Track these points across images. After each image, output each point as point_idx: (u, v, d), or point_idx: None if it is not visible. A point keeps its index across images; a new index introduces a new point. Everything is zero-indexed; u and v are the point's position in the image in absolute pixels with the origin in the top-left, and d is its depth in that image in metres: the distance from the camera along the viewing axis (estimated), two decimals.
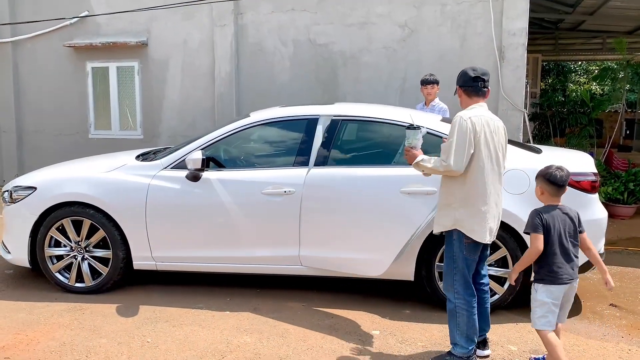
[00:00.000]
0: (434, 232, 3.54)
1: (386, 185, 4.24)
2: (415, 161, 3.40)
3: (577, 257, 3.28)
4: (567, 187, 3.32)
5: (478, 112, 3.33)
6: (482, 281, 3.57)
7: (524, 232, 3.39)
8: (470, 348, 3.41)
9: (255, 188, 4.44)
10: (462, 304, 3.38)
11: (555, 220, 3.22)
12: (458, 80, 3.49)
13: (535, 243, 3.19)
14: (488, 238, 3.32)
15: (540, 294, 3.26)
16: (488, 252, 3.63)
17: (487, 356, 3.61)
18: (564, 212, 3.27)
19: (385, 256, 4.17)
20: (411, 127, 3.49)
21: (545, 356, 3.44)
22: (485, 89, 3.44)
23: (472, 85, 3.40)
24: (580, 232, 3.30)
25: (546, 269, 3.23)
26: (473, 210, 3.28)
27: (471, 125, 3.23)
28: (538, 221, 3.21)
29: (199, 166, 4.38)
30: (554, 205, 3.29)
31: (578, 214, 3.32)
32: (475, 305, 3.41)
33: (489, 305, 3.61)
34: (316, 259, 4.36)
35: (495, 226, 3.39)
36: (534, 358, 3.57)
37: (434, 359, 3.54)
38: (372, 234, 4.22)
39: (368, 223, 4.21)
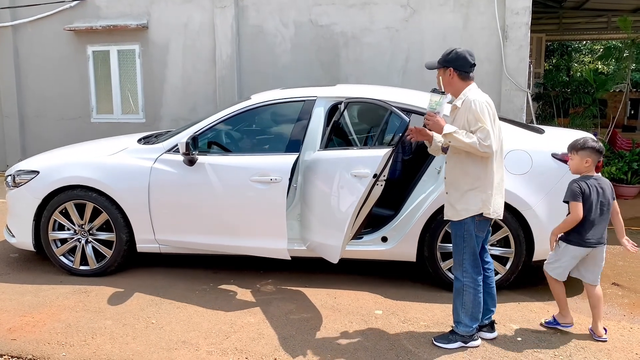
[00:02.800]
0: (455, 219, 3.39)
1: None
2: (446, 131, 3.20)
3: (607, 223, 3.57)
4: None
5: (484, 96, 3.34)
6: (486, 259, 3.59)
7: (563, 201, 3.56)
8: (473, 327, 3.44)
9: (245, 174, 4.38)
10: (469, 282, 3.40)
11: (592, 190, 3.48)
12: (453, 62, 3.37)
13: (576, 210, 3.44)
14: (498, 215, 3.38)
15: (564, 250, 3.58)
16: (491, 228, 3.64)
17: (494, 338, 3.61)
18: (599, 181, 3.53)
19: None
20: (436, 91, 3.38)
21: (555, 316, 3.76)
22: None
23: (468, 71, 3.41)
24: (613, 198, 3.57)
25: (576, 233, 3.51)
26: (495, 189, 3.31)
27: (490, 108, 3.28)
28: (578, 190, 3.46)
29: (184, 150, 4.31)
30: (590, 175, 3.54)
31: (611, 184, 3.59)
32: (481, 284, 3.44)
33: (494, 285, 3.62)
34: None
35: (503, 203, 3.46)
36: (546, 321, 3.79)
37: (436, 337, 3.57)
38: None
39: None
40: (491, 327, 3.63)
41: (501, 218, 3.51)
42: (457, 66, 3.37)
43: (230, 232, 4.45)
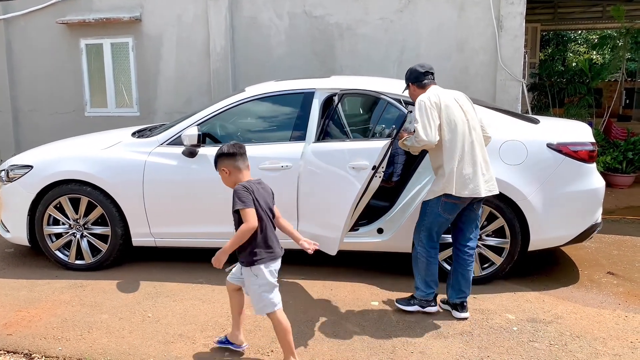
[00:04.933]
0: (425, 200, 3.79)
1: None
2: (401, 141, 3.75)
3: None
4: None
5: (434, 91, 3.68)
6: (468, 244, 3.77)
7: (233, 212, 3.08)
8: (428, 292, 3.80)
9: (252, 163, 4.41)
10: (422, 252, 3.77)
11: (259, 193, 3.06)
12: (410, 79, 3.84)
13: (248, 218, 2.96)
14: (466, 193, 3.55)
15: (266, 273, 3.08)
16: (479, 214, 3.80)
17: (465, 318, 3.78)
18: (263, 186, 3.14)
19: None
20: (412, 112, 3.69)
21: (227, 336, 3.37)
22: (433, 79, 3.82)
23: (422, 80, 3.77)
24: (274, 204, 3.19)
25: (263, 247, 3.05)
26: (454, 172, 3.55)
27: (429, 102, 3.57)
28: (245, 193, 3.00)
29: (195, 142, 4.36)
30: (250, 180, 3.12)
31: (271, 190, 3.19)
32: (436, 257, 3.77)
33: (471, 269, 3.80)
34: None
35: (479, 184, 3.57)
36: (219, 340, 3.42)
37: (398, 300, 3.91)
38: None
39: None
40: (461, 306, 3.80)
41: (476, 197, 3.59)
42: (413, 80, 3.82)
43: None
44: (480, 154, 3.63)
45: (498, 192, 3.74)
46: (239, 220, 3.04)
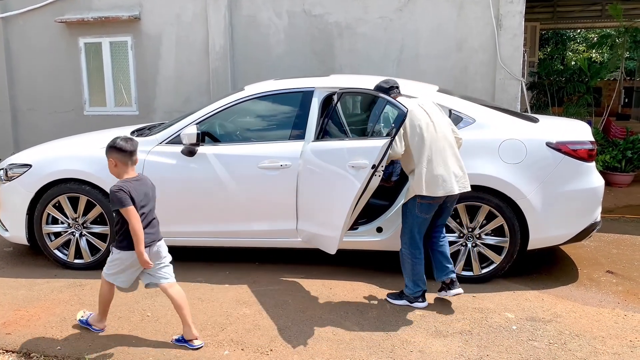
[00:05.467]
0: (403, 202, 3.96)
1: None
2: None
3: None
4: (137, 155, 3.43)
5: (407, 103, 3.79)
6: (437, 229, 3.99)
7: (113, 210, 3.36)
8: (415, 291, 3.93)
9: (252, 162, 4.42)
10: (407, 254, 3.92)
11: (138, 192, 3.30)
12: (381, 91, 3.97)
13: (130, 215, 3.22)
14: (441, 193, 3.69)
15: (120, 257, 3.38)
16: (452, 207, 3.98)
17: (459, 293, 3.92)
18: (142, 182, 3.40)
19: None
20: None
21: (182, 336, 3.45)
22: (399, 92, 3.99)
23: (388, 93, 3.90)
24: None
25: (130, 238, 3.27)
26: (423, 174, 3.71)
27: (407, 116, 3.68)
28: (123, 195, 3.22)
29: (194, 141, 4.37)
30: (131, 177, 3.37)
31: (153, 184, 3.49)
32: (420, 257, 3.89)
33: (445, 244, 4.00)
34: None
35: (452, 183, 3.71)
36: (175, 339, 3.48)
37: (389, 294, 4.07)
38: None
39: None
40: (452, 283, 3.93)
41: (444, 195, 3.70)
42: (385, 93, 3.95)
43: (237, 217, 4.49)
44: (450, 154, 3.78)
45: (470, 189, 3.87)
46: (120, 219, 3.31)
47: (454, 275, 3.94)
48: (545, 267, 4.76)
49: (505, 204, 4.21)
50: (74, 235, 4.72)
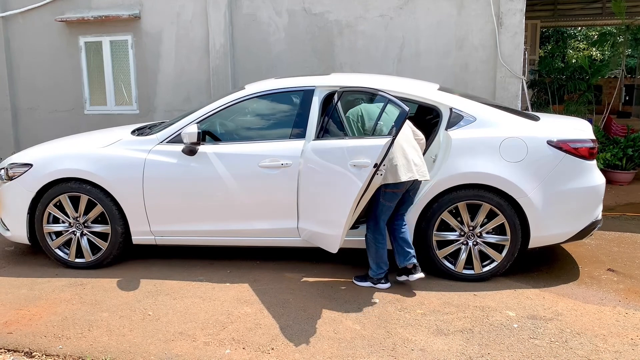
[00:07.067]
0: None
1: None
2: None
3: None
4: None
5: None
6: (399, 217, 4.21)
7: None
8: (379, 272, 4.22)
9: (252, 161, 4.42)
10: (371, 239, 4.19)
11: None
12: None
13: None
14: (404, 178, 3.95)
15: None
16: (414, 197, 4.21)
17: (420, 278, 4.15)
18: None
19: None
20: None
21: None
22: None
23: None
24: None
25: None
26: (389, 169, 3.97)
27: None
28: None
29: (194, 140, 4.37)
30: None
31: None
32: (384, 242, 4.17)
33: (406, 230, 4.23)
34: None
35: (412, 170, 3.98)
36: None
37: (355, 277, 4.34)
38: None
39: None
40: (414, 268, 4.15)
41: (406, 180, 3.94)
42: None
43: (237, 216, 4.49)
44: (410, 149, 4.07)
45: (429, 179, 4.15)
46: None
47: (415, 260, 4.15)
48: (546, 265, 4.76)
49: (506, 202, 4.21)
50: (75, 235, 4.72)
